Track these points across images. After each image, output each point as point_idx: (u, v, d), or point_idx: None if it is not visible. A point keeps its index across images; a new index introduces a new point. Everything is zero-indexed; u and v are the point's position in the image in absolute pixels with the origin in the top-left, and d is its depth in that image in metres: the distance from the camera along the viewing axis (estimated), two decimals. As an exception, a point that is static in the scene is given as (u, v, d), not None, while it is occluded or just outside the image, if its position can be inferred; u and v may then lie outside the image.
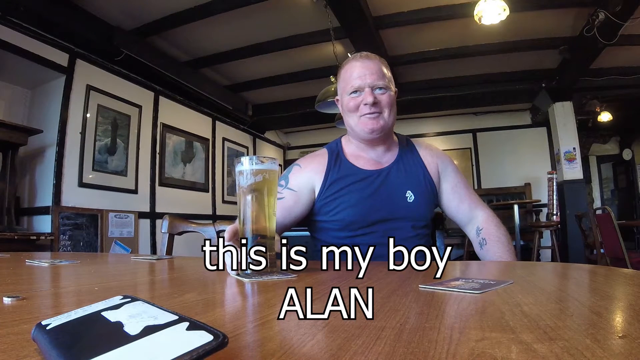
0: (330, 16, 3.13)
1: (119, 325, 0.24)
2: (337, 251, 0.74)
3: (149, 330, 0.22)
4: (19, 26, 2.76)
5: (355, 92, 1.11)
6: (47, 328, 0.26)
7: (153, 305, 0.27)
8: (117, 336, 0.22)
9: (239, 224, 0.68)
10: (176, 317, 0.24)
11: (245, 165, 0.68)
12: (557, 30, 3.66)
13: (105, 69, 3.47)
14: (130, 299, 0.29)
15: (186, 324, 0.23)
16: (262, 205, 0.68)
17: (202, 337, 0.21)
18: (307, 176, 1.15)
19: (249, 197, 0.67)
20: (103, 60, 3.43)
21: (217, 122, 5.08)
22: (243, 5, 3.10)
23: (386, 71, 1.13)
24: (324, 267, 0.74)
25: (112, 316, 0.26)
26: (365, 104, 1.09)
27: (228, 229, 0.69)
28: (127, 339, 0.21)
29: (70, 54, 3.14)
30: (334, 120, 3.63)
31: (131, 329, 0.23)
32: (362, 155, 1.19)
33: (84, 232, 3.16)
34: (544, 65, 4.38)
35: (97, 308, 0.28)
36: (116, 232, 3.42)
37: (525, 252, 4.87)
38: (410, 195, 1.12)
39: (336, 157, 1.18)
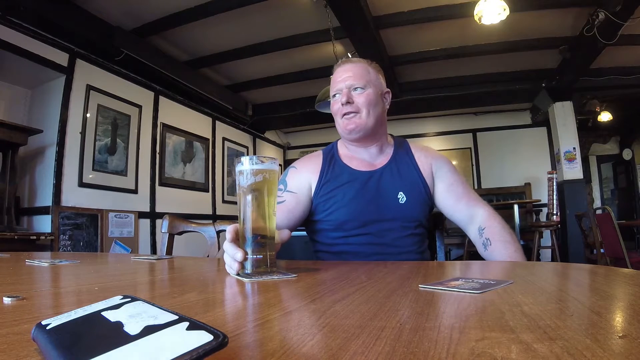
0: (330, 16, 3.13)
1: (119, 325, 0.24)
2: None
3: (149, 330, 0.22)
4: (19, 26, 2.76)
5: (336, 94, 1.16)
6: (47, 328, 0.26)
7: (153, 305, 0.27)
8: (117, 336, 0.22)
9: (239, 224, 0.68)
10: (176, 317, 0.24)
11: (246, 165, 0.68)
12: (557, 30, 3.66)
13: (105, 68, 3.47)
14: (130, 299, 0.29)
15: (186, 323, 0.23)
16: (262, 205, 0.67)
17: (202, 337, 0.21)
18: (304, 176, 1.18)
19: (249, 197, 0.67)
20: (103, 60, 3.43)
21: (217, 122, 5.08)
22: (243, 5, 3.10)
23: (370, 72, 1.15)
24: (324, 267, 0.74)
25: (112, 316, 0.26)
26: (342, 104, 1.12)
27: (229, 228, 0.69)
28: (127, 338, 0.21)
29: (70, 54, 3.14)
30: (334, 120, 3.62)
31: (131, 328, 0.23)
32: (355, 157, 1.21)
33: (84, 232, 3.16)
34: (544, 65, 4.38)
35: (97, 308, 0.28)
36: (116, 232, 3.42)
37: (525, 252, 4.82)
38: (402, 197, 1.12)
39: (331, 158, 1.21)
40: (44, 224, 2.99)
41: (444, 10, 3.26)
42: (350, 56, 3.79)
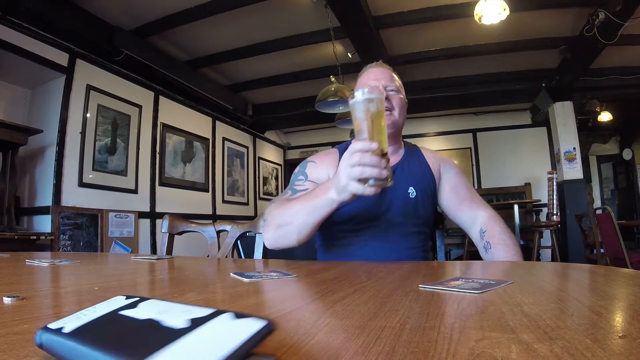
0: (330, 16, 3.13)
1: (154, 322, 0.23)
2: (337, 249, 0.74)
3: (196, 322, 0.22)
4: (19, 26, 2.76)
5: None
6: (65, 331, 0.23)
7: (171, 302, 0.26)
8: (165, 331, 0.21)
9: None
10: (213, 310, 0.23)
11: (362, 95, 0.77)
12: (557, 30, 3.66)
13: (105, 68, 3.47)
14: (138, 298, 0.27)
15: (230, 313, 0.23)
16: (380, 127, 0.77)
17: (254, 323, 0.21)
18: (323, 169, 1.20)
19: (369, 121, 0.76)
20: (103, 60, 3.43)
21: (217, 122, 5.08)
22: (243, 5, 3.10)
23: (397, 79, 1.24)
24: (324, 267, 0.74)
25: (136, 314, 0.24)
26: None
27: (354, 147, 0.75)
28: (180, 332, 0.21)
29: (70, 54, 3.14)
30: (334, 120, 3.63)
31: (173, 323, 0.22)
32: None
33: (84, 232, 3.16)
34: (544, 65, 4.38)
35: (110, 308, 0.26)
36: (116, 232, 3.42)
37: (525, 252, 4.83)
38: (412, 192, 1.16)
39: None
40: (44, 224, 2.98)
41: (444, 10, 3.25)
42: (350, 56, 3.80)
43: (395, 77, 1.24)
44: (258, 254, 1.30)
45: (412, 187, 1.16)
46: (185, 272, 0.87)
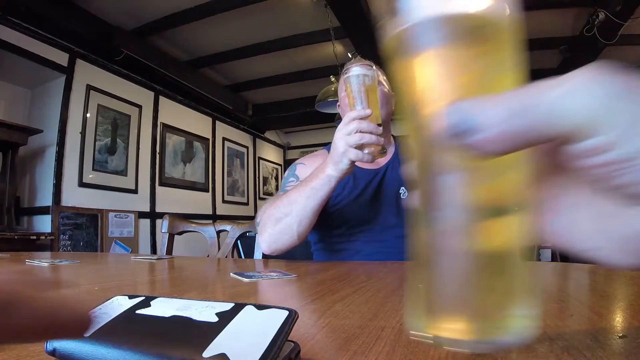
0: (330, 16, 3.13)
1: (184, 318, 0.22)
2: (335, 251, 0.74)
3: (224, 316, 0.22)
4: (19, 26, 2.76)
5: None
6: (87, 335, 0.21)
7: (180, 298, 0.25)
8: (201, 326, 0.21)
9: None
10: (232, 304, 0.23)
11: (358, 70, 0.80)
12: (557, 30, 3.66)
13: (105, 68, 3.47)
14: (144, 297, 0.26)
15: (251, 305, 0.23)
16: (376, 100, 0.81)
17: (280, 313, 0.22)
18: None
19: (367, 95, 0.79)
20: (103, 60, 3.43)
21: (217, 122, 5.08)
22: (243, 5, 3.10)
23: (380, 73, 1.20)
24: (324, 267, 0.74)
25: (156, 312, 0.23)
26: None
27: (350, 116, 0.78)
28: (216, 326, 0.21)
29: (70, 54, 3.14)
30: (334, 120, 3.63)
31: (204, 318, 0.22)
32: None
33: (84, 232, 3.16)
34: (544, 65, 4.38)
35: (122, 308, 0.24)
36: (116, 232, 3.42)
37: (525, 252, 4.87)
38: (403, 192, 1.14)
39: None
40: (44, 224, 2.98)
41: (444, 10, 3.25)
42: (350, 56, 3.80)
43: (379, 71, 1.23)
44: (258, 254, 1.30)
45: (403, 188, 1.14)
46: (185, 272, 0.87)
